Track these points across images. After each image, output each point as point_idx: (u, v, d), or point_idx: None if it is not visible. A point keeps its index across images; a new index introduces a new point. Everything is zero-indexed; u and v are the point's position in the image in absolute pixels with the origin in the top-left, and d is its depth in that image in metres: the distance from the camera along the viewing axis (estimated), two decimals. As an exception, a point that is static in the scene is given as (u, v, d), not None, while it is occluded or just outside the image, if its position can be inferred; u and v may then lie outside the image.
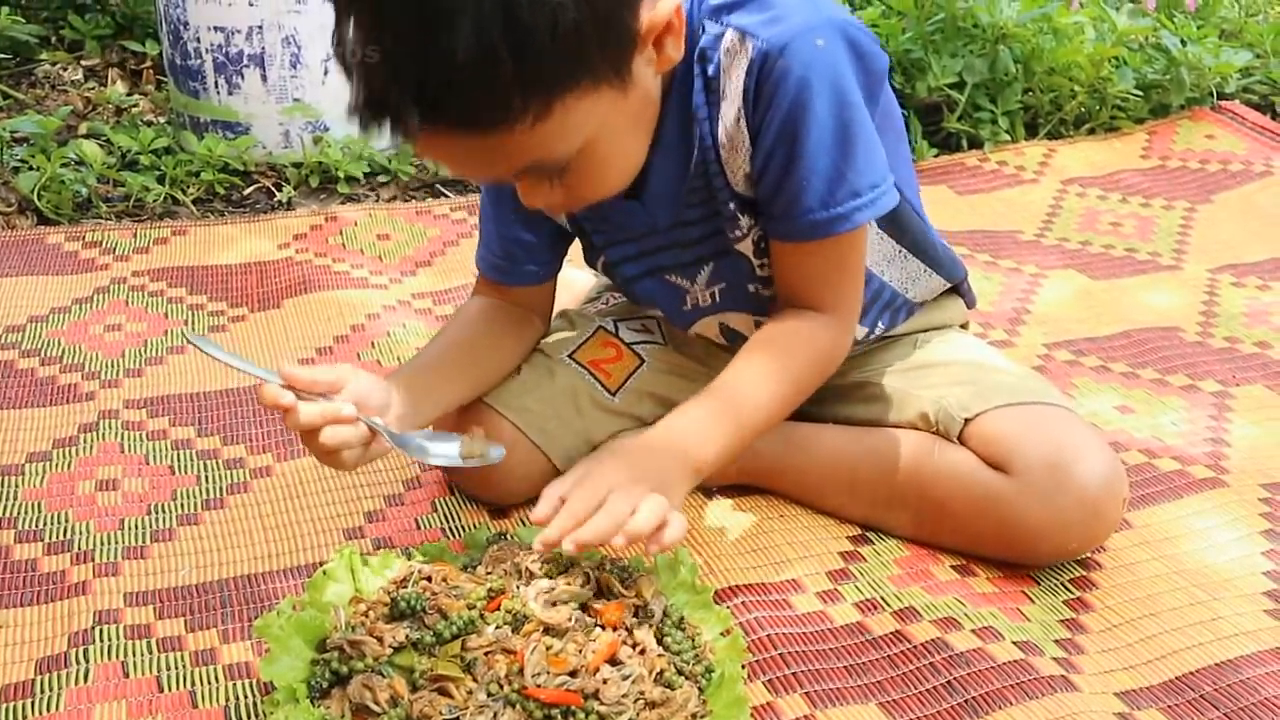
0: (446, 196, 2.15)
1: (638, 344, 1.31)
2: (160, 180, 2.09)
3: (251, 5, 2.05)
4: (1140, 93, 2.50)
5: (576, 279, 1.71)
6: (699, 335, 1.27)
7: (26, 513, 1.23)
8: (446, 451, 1.05)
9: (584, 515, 0.92)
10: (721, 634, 0.97)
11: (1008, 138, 2.43)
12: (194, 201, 2.08)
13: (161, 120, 2.42)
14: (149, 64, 2.64)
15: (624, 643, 0.91)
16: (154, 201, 2.04)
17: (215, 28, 2.08)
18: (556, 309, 1.35)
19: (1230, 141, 2.40)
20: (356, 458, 1.00)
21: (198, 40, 2.10)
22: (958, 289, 1.36)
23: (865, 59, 1.02)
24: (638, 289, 1.24)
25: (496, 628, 0.90)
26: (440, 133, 0.87)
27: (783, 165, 1.02)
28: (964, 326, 1.40)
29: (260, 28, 2.07)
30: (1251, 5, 2.91)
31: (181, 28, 2.11)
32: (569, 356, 1.28)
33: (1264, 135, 2.41)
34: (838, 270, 1.10)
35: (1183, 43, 2.53)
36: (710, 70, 1.02)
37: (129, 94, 2.57)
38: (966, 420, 1.15)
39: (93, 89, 2.55)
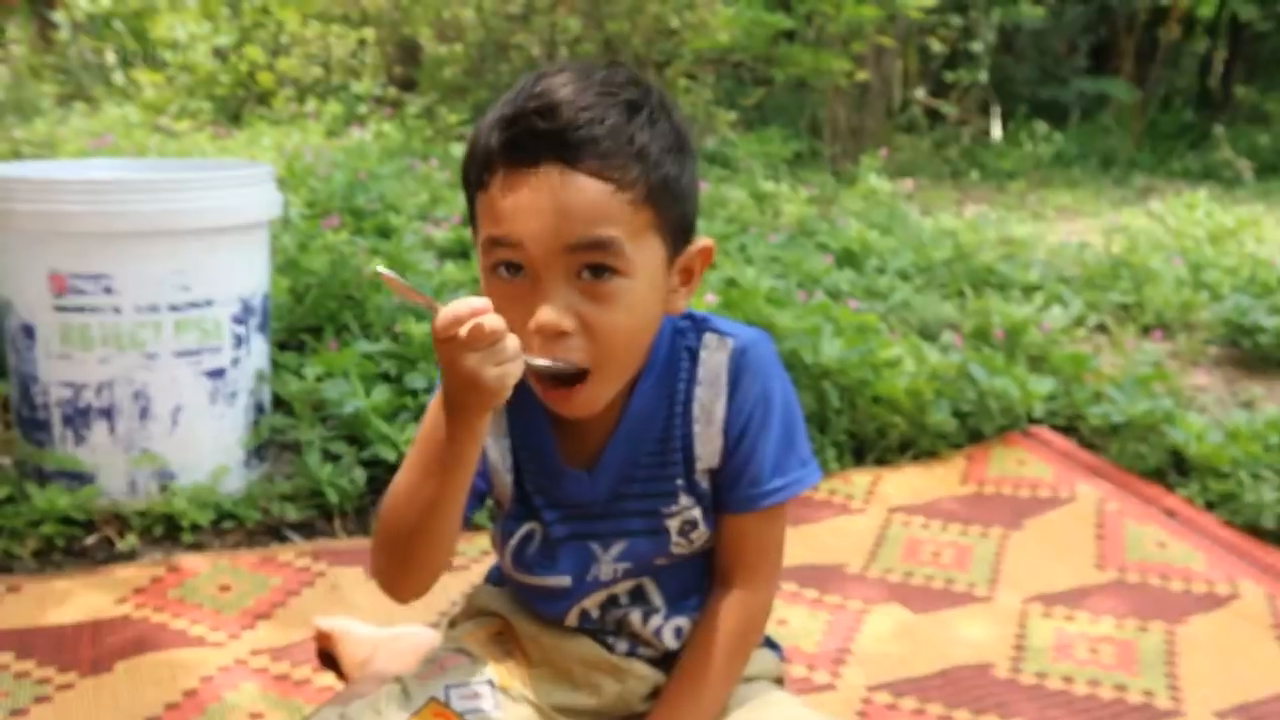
0: (292, 541, 2.18)
1: (468, 713, 1.34)
2: (-2, 533, 2.09)
3: (103, 362, 2.12)
4: (956, 421, 2.69)
5: (415, 635, 1.75)
6: (583, 613, 1.31)
7: None
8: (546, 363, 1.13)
9: None
10: None
11: (837, 466, 2.58)
12: (32, 554, 2.07)
13: (7, 462, 2.43)
14: None
15: None
16: (-10, 557, 2.03)
17: (65, 383, 2.14)
18: (395, 670, 1.38)
19: (1039, 467, 2.59)
20: (514, 355, 1.03)
21: (46, 395, 2.15)
22: (770, 643, 1.44)
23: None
24: (560, 552, 1.29)
25: None
26: (565, 168, 1.06)
27: (753, 440, 1.23)
28: (779, 681, 1.46)
29: (111, 383, 2.13)
30: (1054, 334, 3.19)
31: (30, 382, 2.16)
32: None
33: (1068, 461, 2.60)
34: (774, 539, 1.30)
35: (990, 375, 2.75)
36: (691, 359, 1.24)
37: (-24, 433, 2.58)
38: None
39: (-61, 429, 2.55)
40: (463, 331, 0.99)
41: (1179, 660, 1.85)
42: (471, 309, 1.00)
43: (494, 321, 1.00)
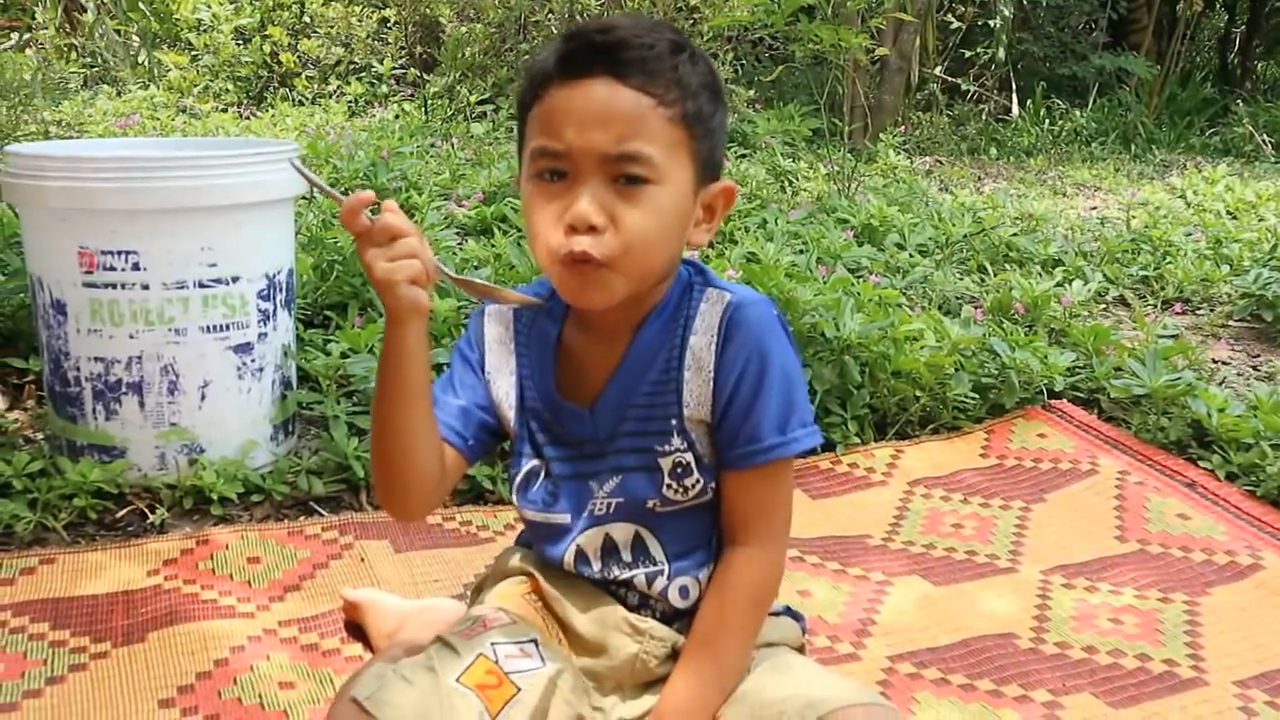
0: (320, 515, 2.20)
1: (515, 673, 1.36)
2: (32, 505, 2.12)
3: (132, 338, 2.15)
4: (976, 395, 2.70)
5: (442, 607, 1.77)
6: (579, 553, 1.35)
7: None
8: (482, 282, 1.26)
9: None
10: None
11: (858, 440, 2.59)
12: (65, 526, 2.10)
13: (40, 437, 2.46)
14: (31, 379, 2.70)
15: None
16: (24, 530, 2.06)
17: (95, 358, 2.16)
18: (426, 639, 1.40)
19: (1060, 440, 2.59)
20: (422, 265, 1.13)
21: (78, 369, 2.18)
22: (792, 613, 1.46)
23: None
24: (561, 489, 1.34)
25: None
26: (614, 80, 1.17)
27: (749, 395, 1.26)
28: (800, 650, 1.47)
29: (140, 358, 2.16)
30: (1074, 308, 3.19)
31: (62, 357, 2.19)
32: (456, 681, 1.32)
33: (1089, 433, 2.60)
34: (779, 498, 1.33)
35: (1012, 348, 2.75)
36: (692, 310, 1.30)
37: (9, 409, 2.61)
38: None
39: (-30, 406, 2.59)
40: (360, 225, 1.11)
41: (1201, 630, 1.86)
42: (361, 200, 1.11)
43: (390, 219, 1.11)
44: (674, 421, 1.29)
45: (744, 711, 1.30)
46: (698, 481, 1.31)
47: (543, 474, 1.36)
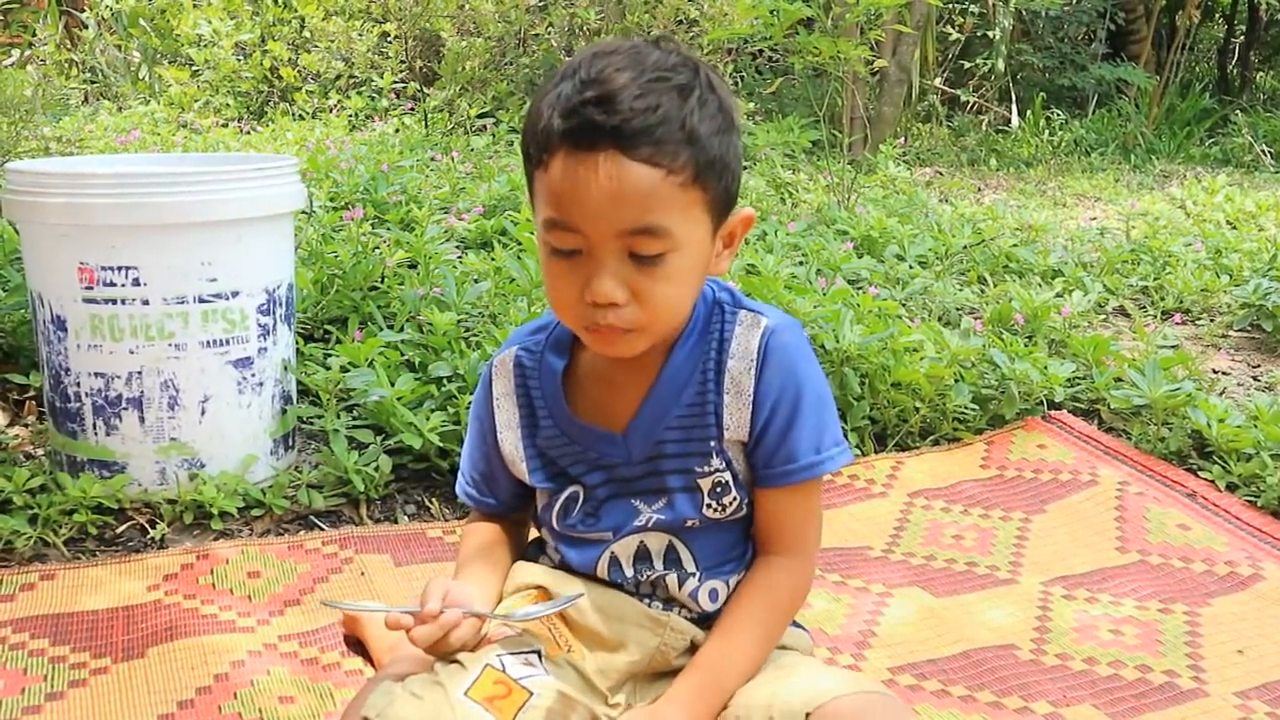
0: (320, 529, 2.20)
1: (525, 679, 1.36)
2: (32, 521, 2.12)
3: (132, 353, 2.15)
4: (976, 406, 2.70)
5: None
6: (612, 559, 1.36)
7: None
8: (538, 611, 1.31)
9: None
10: None
11: (858, 451, 2.59)
12: (65, 542, 2.10)
13: (40, 452, 2.46)
14: (31, 395, 2.70)
15: None
16: (24, 546, 2.06)
17: (96, 373, 2.17)
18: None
19: (1060, 451, 2.59)
20: (473, 640, 1.27)
21: (78, 385, 2.18)
22: (797, 625, 1.46)
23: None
24: (604, 509, 1.35)
25: None
26: (621, 156, 1.13)
27: (787, 418, 1.28)
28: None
29: (140, 373, 2.16)
30: (1073, 319, 3.19)
31: (62, 372, 2.20)
32: (464, 694, 1.32)
33: (1089, 444, 2.60)
34: (811, 513, 1.36)
35: (1011, 359, 2.75)
36: (726, 333, 1.31)
37: (9, 425, 2.61)
38: (808, 714, 1.22)
39: (-29, 423, 2.59)
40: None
41: (1202, 641, 1.86)
42: (398, 626, 1.24)
43: (428, 638, 1.24)
44: (713, 443, 1.31)
45: (743, 703, 1.30)
46: (734, 499, 1.33)
47: (581, 498, 1.37)
